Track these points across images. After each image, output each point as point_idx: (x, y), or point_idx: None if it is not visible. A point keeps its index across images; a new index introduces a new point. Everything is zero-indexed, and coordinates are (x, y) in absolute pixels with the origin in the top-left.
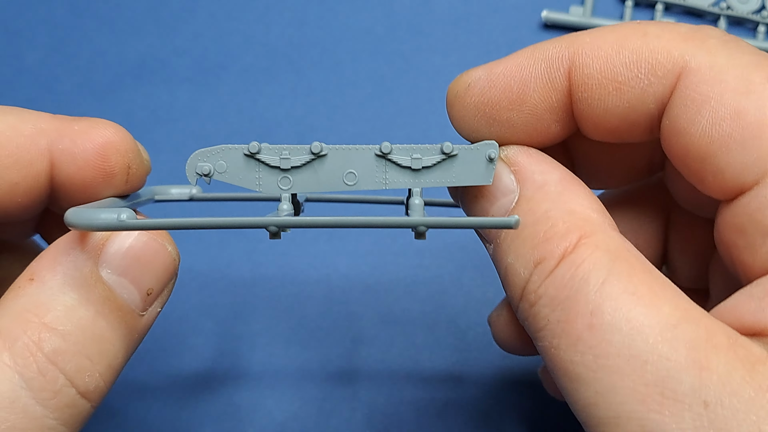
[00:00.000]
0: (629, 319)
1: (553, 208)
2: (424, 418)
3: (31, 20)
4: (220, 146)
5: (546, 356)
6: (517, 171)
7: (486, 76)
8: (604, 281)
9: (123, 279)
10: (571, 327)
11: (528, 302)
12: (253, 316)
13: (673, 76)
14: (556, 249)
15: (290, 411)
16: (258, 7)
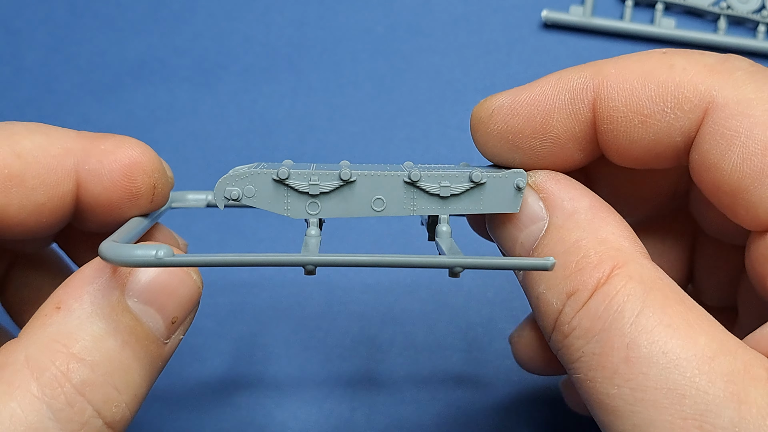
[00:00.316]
0: (666, 352)
1: (584, 237)
2: (424, 418)
3: (31, 20)
4: (248, 170)
5: (581, 388)
6: (545, 198)
7: (509, 103)
8: (639, 313)
9: (149, 308)
10: (606, 360)
11: (561, 333)
12: (253, 317)
13: (700, 111)
14: (589, 280)
15: (290, 411)
16: (258, 7)
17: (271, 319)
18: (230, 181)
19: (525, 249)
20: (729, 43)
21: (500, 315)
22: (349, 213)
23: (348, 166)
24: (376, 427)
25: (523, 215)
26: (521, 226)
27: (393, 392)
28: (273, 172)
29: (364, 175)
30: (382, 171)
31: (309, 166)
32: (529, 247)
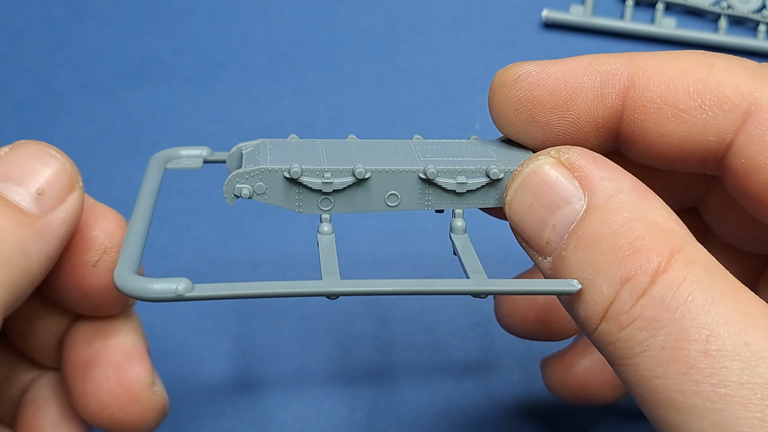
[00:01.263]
0: (748, 343)
1: (633, 219)
2: (424, 418)
3: (31, 20)
4: (259, 167)
5: (641, 386)
6: (582, 176)
7: (537, 72)
8: (713, 301)
9: (9, 183)
10: (681, 354)
11: (617, 324)
12: (252, 316)
13: (741, 112)
14: (648, 264)
15: (290, 411)
16: (258, 7)
17: (271, 319)
18: (240, 179)
19: (557, 232)
20: (729, 42)
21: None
22: (362, 208)
23: (362, 163)
24: (376, 427)
25: (556, 195)
26: (553, 207)
27: (393, 392)
28: (285, 169)
29: (378, 171)
30: (397, 166)
31: (318, 147)
32: (563, 230)
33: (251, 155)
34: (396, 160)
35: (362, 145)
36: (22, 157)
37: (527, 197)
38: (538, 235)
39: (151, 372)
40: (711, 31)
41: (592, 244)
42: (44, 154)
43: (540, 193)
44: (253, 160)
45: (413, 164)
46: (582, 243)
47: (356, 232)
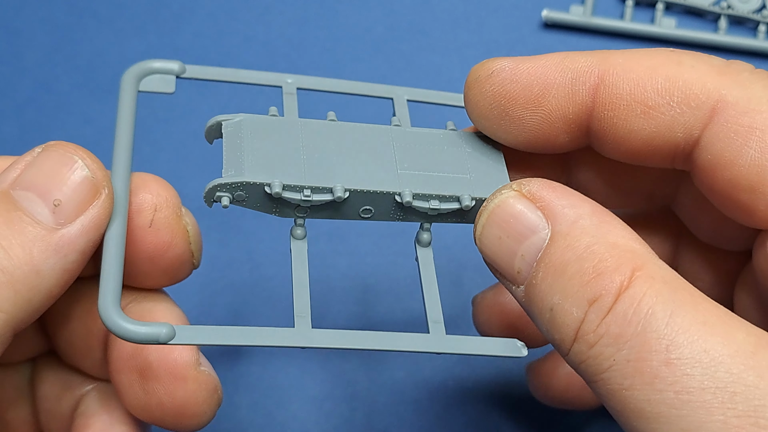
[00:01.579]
0: (707, 350)
1: (595, 242)
2: (424, 418)
3: (31, 20)
4: (240, 180)
5: (613, 399)
6: (543, 206)
7: (510, 68)
8: (672, 313)
9: (28, 192)
10: (644, 365)
11: (586, 343)
12: (253, 316)
13: (707, 108)
14: (611, 285)
15: (290, 411)
16: (258, 7)
17: (271, 319)
18: (221, 189)
19: (527, 261)
20: (729, 42)
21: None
22: (336, 217)
23: (341, 185)
24: (376, 427)
25: (522, 226)
26: (520, 238)
27: (393, 392)
28: (266, 184)
29: (356, 192)
30: (375, 188)
31: (298, 139)
32: (532, 259)
33: (231, 142)
34: (374, 175)
35: (342, 140)
36: (45, 163)
37: (495, 231)
38: (509, 265)
39: (196, 351)
40: (711, 31)
41: (559, 271)
42: (67, 160)
43: (506, 225)
44: (233, 153)
45: (391, 184)
46: (550, 270)
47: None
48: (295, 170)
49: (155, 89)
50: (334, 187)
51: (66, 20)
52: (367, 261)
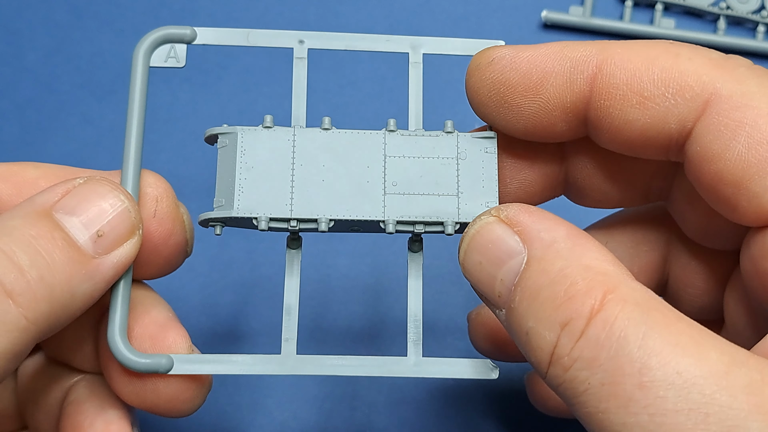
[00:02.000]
0: (680, 372)
1: (568, 266)
2: (424, 418)
3: (32, 20)
4: (229, 215)
5: (590, 422)
6: (520, 231)
7: (510, 56)
8: (644, 335)
9: (72, 217)
10: (618, 388)
11: (561, 367)
12: (253, 316)
13: (701, 101)
14: (582, 308)
15: (290, 411)
16: (258, 7)
17: (271, 318)
18: (213, 220)
19: (506, 285)
20: (729, 43)
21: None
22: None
23: (326, 217)
24: (376, 427)
25: (500, 251)
26: (499, 263)
27: (393, 392)
28: (253, 218)
29: (341, 220)
30: (360, 216)
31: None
32: (510, 283)
33: (224, 162)
34: (360, 202)
35: (333, 155)
36: (90, 194)
37: (475, 256)
38: (490, 289)
39: (187, 338)
40: (710, 31)
41: (533, 295)
42: (112, 196)
43: (485, 251)
44: (225, 176)
45: (376, 212)
46: (525, 295)
47: None
48: (283, 199)
49: (166, 64)
50: (318, 219)
51: (66, 20)
52: (367, 261)
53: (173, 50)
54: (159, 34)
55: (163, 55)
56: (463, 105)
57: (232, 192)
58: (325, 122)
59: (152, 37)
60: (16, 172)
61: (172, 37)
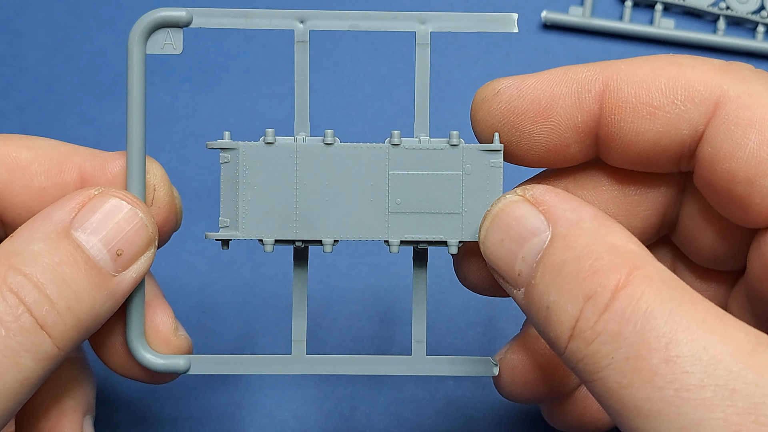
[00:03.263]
0: (706, 348)
1: (593, 243)
2: (424, 418)
3: (32, 20)
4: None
5: (610, 398)
6: (546, 210)
7: (516, 85)
8: (671, 311)
9: (92, 237)
10: (643, 362)
11: (583, 341)
12: (253, 316)
13: (711, 104)
14: (608, 282)
15: (290, 411)
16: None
17: (271, 319)
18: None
19: (527, 263)
20: (728, 43)
21: (500, 315)
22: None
23: (330, 236)
24: (376, 427)
25: (523, 229)
26: (522, 240)
27: (393, 392)
28: (262, 243)
29: (347, 238)
30: (362, 236)
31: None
32: (532, 260)
33: (227, 179)
34: (364, 221)
35: (336, 172)
36: (109, 210)
37: (498, 234)
38: (511, 268)
39: (173, 317)
40: (709, 32)
41: (557, 270)
42: (130, 211)
43: (509, 228)
44: (229, 194)
45: (379, 231)
46: (548, 270)
47: None
48: (287, 220)
49: (163, 51)
50: (324, 240)
51: (66, 20)
52: (367, 261)
53: (169, 36)
54: (153, 17)
55: (159, 42)
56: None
57: (236, 212)
58: (328, 136)
59: (146, 21)
60: (7, 153)
61: (167, 21)
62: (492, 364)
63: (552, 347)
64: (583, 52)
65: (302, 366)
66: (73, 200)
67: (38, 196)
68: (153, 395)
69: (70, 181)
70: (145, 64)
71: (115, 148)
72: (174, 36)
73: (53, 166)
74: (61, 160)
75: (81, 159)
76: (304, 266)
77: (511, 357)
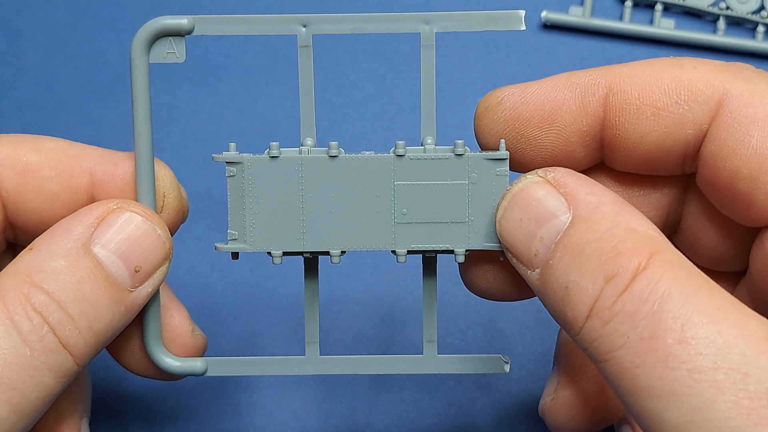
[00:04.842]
0: (721, 332)
1: (615, 227)
2: (424, 418)
3: (32, 20)
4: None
5: (623, 378)
6: (567, 192)
7: (519, 92)
8: (688, 295)
9: (112, 255)
10: (658, 342)
11: (601, 320)
12: (253, 316)
13: (714, 103)
14: (629, 264)
15: (290, 411)
16: (258, 7)
17: (271, 319)
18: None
19: (545, 244)
20: (728, 43)
21: (500, 315)
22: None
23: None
24: (376, 427)
25: (543, 209)
26: (541, 221)
27: (393, 392)
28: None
29: (355, 248)
30: (369, 247)
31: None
32: (551, 241)
33: (234, 192)
34: (370, 232)
35: (342, 185)
36: (126, 226)
37: (516, 213)
38: (527, 248)
39: (189, 318)
40: (709, 32)
41: (578, 250)
42: (149, 228)
43: (528, 208)
44: (237, 207)
45: (386, 242)
46: (568, 250)
47: None
48: (294, 232)
49: (166, 59)
50: (331, 251)
51: (66, 20)
52: (368, 261)
53: (171, 44)
54: (155, 26)
55: (162, 51)
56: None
57: (244, 225)
58: (333, 148)
59: (148, 30)
60: (17, 158)
61: (169, 29)
62: (503, 362)
63: (566, 327)
64: (583, 52)
65: (316, 366)
66: (92, 214)
67: (49, 200)
68: (153, 395)
69: (81, 185)
70: (148, 74)
71: (116, 148)
72: (177, 44)
73: (64, 170)
74: (71, 163)
75: (91, 162)
76: (315, 276)
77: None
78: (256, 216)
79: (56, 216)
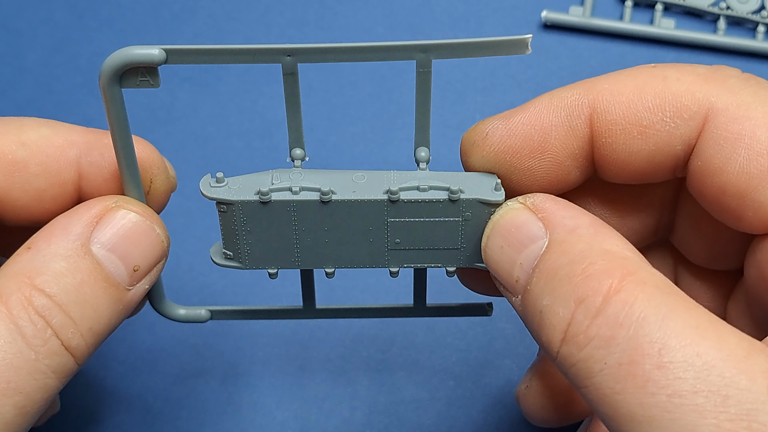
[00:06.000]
0: (699, 354)
1: (588, 249)
2: (424, 418)
3: (32, 20)
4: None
5: (603, 404)
6: (544, 217)
7: (504, 124)
8: (664, 317)
9: (111, 254)
10: (636, 368)
11: (576, 345)
12: None
13: (700, 118)
14: (600, 286)
15: (290, 411)
16: (258, 7)
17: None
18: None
19: (524, 270)
20: (728, 43)
21: (500, 315)
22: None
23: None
24: (376, 427)
25: (522, 236)
26: (520, 247)
27: (393, 392)
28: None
29: (349, 267)
30: (362, 265)
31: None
32: (529, 266)
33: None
34: (365, 254)
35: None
36: (126, 226)
37: (498, 240)
38: (509, 274)
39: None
40: (710, 31)
41: (551, 274)
42: (147, 227)
43: (508, 235)
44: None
45: (378, 258)
46: (543, 275)
47: None
48: (289, 255)
49: (139, 86)
50: (325, 271)
51: (66, 20)
52: None
53: (144, 73)
54: (120, 59)
55: (134, 80)
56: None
57: (239, 250)
58: (324, 191)
59: (115, 63)
60: (2, 155)
61: (136, 60)
62: (486, 308)
63: (545, 352)
64: (583, 52)
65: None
66: (90, 213)
67: (37, 197)
68: (153, 395)
69: (69, 179)
70: (122, 101)
71: None
72: (149, 73)
73: (51, 165)
74: (57, 156)
75: (77, 152)
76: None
77: (536, 383)
78: (251, 245)
79: (45, 212)
